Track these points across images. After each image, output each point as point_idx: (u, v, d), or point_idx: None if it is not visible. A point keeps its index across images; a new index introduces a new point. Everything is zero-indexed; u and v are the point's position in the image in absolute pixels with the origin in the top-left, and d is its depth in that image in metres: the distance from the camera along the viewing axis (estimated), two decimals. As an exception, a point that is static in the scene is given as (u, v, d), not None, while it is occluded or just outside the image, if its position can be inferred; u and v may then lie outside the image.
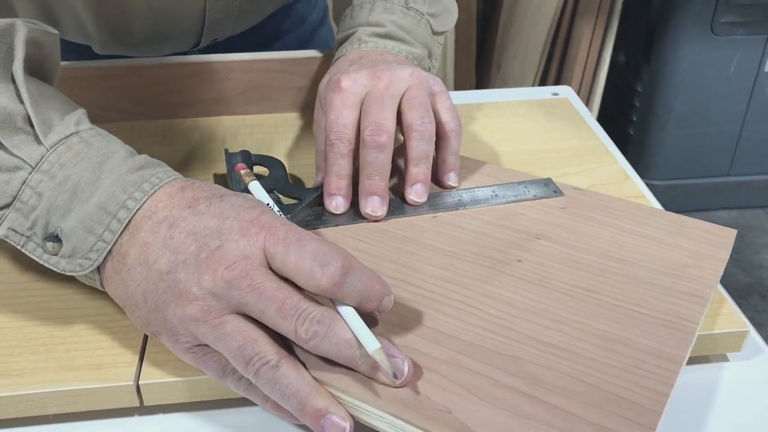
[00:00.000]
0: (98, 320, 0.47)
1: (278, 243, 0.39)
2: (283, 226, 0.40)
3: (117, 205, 0.41)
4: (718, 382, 0.46)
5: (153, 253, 0.40)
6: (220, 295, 0.38)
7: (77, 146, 0.43)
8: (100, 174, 0.42)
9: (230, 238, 0.39)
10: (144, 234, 0.41)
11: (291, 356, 0.40)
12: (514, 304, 0.45)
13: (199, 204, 0.41)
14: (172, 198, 0.42)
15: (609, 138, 0.70)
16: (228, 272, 0.38)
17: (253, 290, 0.38)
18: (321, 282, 0.38)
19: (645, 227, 0.52)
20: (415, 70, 0.54)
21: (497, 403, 0.39)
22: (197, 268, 0.39)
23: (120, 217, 0.41)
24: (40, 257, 0.43)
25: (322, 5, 0.90)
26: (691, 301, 0.46)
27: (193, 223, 0.40)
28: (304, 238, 0.39)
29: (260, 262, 0.39)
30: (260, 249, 0.39)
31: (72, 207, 0.42)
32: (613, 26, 1.86)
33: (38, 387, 0.42)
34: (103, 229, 0.41)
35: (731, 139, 1.94)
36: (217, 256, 0.39)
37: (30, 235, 0.43)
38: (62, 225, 0.42)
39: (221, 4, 0.71)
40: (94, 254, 0.42)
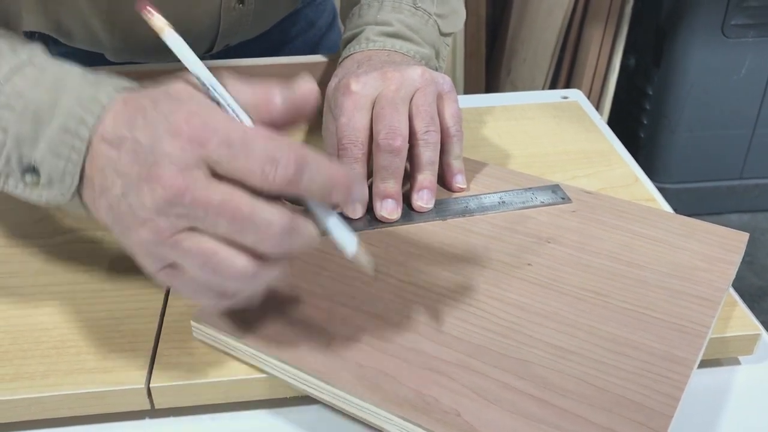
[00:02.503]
0: (109, 323, 0.47)
1: (219, 147, 0.36)
2: (222, 124, 0.36)
3: (76, 122, 0.39)
4: (730, 385, 0.46)
5: (108, 178, 0.38)
6: (166, 213, 0.36)
7: (31, 73, 0.41)
8: (57, 95, 0.40)
9: (162, 150, 0.36)
10: (99, 159, 0.39)
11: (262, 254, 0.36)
12: (524, 307, 0.45)
13: (137, 117, 0.38)
14: (117, 115, 0.39)
15: (619, 141, 0.70)
16: (166, 190, 0.35)
17: (198, 204, 0.35)
18: (275, 182, 0.35)
19: (656, 230, 0.52)
20: (424, 71, 0.54)
21: (506, 405, 0.39)
22: (139, 189, 0.36)
23: (81, 135, 0.39)
24: (23, 192, 0.41)
25: (330, 9, 0.91)
26: (702, 304, 0.45)
27: (133, 141, 0.38)
28: (248, 135, 0.36)
29: (200, 171, 0.36)
30: (198, 157, 0.36)
31: (38, 134, 0.40)
32: (623, 30, 1.85)
33: (50, 390, 0.42)
34: (68, 151, 0.40)
35: (743, 142, 1.93)
36: (154, 173, 0.36)
37: (9, 172, 0.41)
38: (34, 155, 0.40)
39: (235, 12, 0.71)
40: (68, 178, 0.40)
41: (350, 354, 0.42)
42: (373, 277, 0.37)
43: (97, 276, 0.51)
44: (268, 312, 0.45)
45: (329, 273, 0.48)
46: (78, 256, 0.53)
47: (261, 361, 0.43)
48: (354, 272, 0.48)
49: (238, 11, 0.71)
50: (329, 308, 0.45)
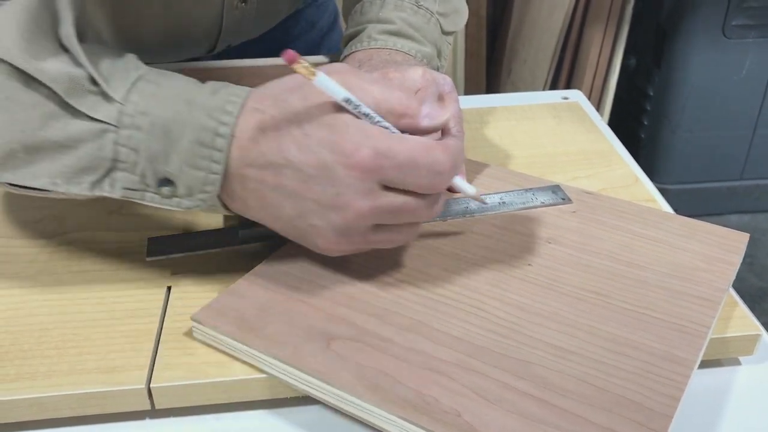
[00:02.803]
0: (110, 324, 0.47)
1: (391, 171, 0.42)
2: (386, 146, 0.41)
3: (211, 134, 0.43)
4: (730, 385, 0.46)
5: (273, 200, 0.43)
6: (355, 228, 0.43)
7: (148, 89, 0.44)
8: (182, 108, 0.43)
9: (342, 182, 0.41)
10: (253, 183, 0.43)
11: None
12: (524, 307, 0.45)
13: (288, 147, 0.42)
14: (257, 143, 0.43)
15: (619, 141, 0.70)
16: (353, 214, 0.42)
17: (380, 214, 0.43)
18: (438, 188, 0.44)
19: (656, 231, 0.52)
20: (425, 71, 0.54)
21: (506, 406, 0.39)
22: (323, 214, 0.43)
23: (219, 146, 0.43)
24: (161, 203, 0.45)
25: (332, 10, 0.91)
26: (703, 304, 0.45)
27: (296, 172, 0.42)
28: (413, 154, 0.42)
29: (378, 189, 0.42)
30: (374, 182, 0.42)
31: (169, 150, 0.43)
32: (624, 30, 1.85)
33: (51, 390, 0.42)
34: (207, 162, 0.43)
35: (744, 143, 1.93)
36: (340, 202, 0.42)
37: (144, 188, 0.44)
38: (168, 169, 0.43)
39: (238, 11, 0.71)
40: (209, 187, 0.44)
41: (350, 354, 0.42)
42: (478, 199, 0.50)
43: (97, 277, 0.51)
44: (268, 312, 0.45)
45: (329, 273, 0.48)
46: (79, 257, 0.53)
47: (261, 362, 0.43)
48: (354, 273, 0.48)
49: (240, 10, 0.71)
50: (329, 308, 0.45)
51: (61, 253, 0.54)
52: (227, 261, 0.52)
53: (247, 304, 0.46)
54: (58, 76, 0.43)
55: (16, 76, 0.43)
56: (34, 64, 0.42)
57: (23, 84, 0.43)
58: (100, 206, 0.59)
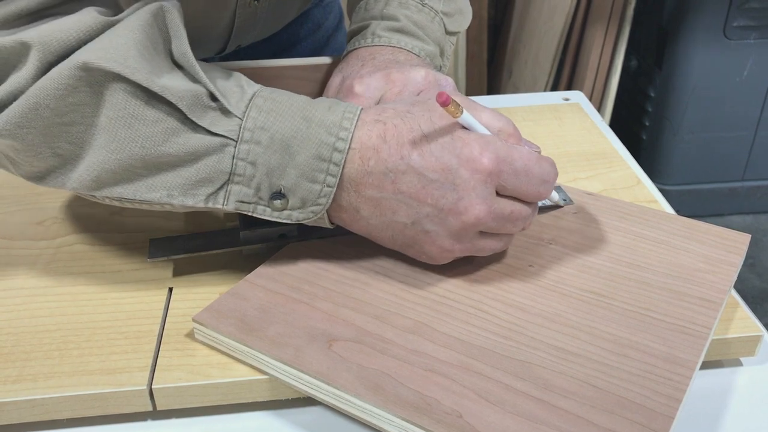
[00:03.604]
0: (112, 325, 0.47)
1: (509, 176, 0.44)
2: (505, 154, 0.44)
3: (329, 149, 0.44)
4: (732, 386, 0.46)
5: (388, 207, 0.45)
6: (469, 233, 0.46)
7: (265, 105, 0.45)
8: (300, 125, 0.44)
9: (466, 185, 0.44)
10: (370, 191, 0.45)
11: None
12: (526, 309, 0.45)
13: (410, 152, 0.44)
14: (379, 151, 0.44)
15: (620, 142, 0.70)
16: (473, 218, 0.44)
17: (493, 220, 0.45)
18: (544, 197, 0.47)
19: (657, 232, 0.52)
20: (428, 73, 0.54)
21: (508, 407, 0.39)
22: (442, 220, 0.45)
23: (335, 160, 0.44)
24: (270, 215, 0.46)
25: (337, 11, 0.91)
26: (704, 305, 0.45)
27: (417, 177, 0.44)
28: (527, 162, 0.45)
29: (494, 193, 0.45)
30: (493, 186, 0.44)
31: (286, 164, 0.44)
32: (625, 31, 1.85)
33: (52, 392, 0.42)
34: (324, 176, 0.44)
35: (745, 144, 1.93)
36: (461, 207, 0.44)
37: (257, 201, 0.45)
38: (283, 183, 0.45)
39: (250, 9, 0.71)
40: (323, 199, 0.45)
41: (351, 355, 0.42)
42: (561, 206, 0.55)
43: (99, 278, 0.51)
44: (269, 314, 0.45)
45: (331, 275, 0.48)
46: (81, 258, 0.53)
47: (262, 363, 0.43)
48: (355, 274, 0.48)
49: (253, 8, 0.71)
50: (330, 310, 0.45)
51: (63, 255, 0.54)
52: (228, 262, 0.52)
53: (248, 306, 0.46)
54: (182, 93, 0.43)
55: (137, 94, 0.43)
56: (157, 81, 0.43)
57: (145, 102, 0.44)
58: (102, 208, 0.59)
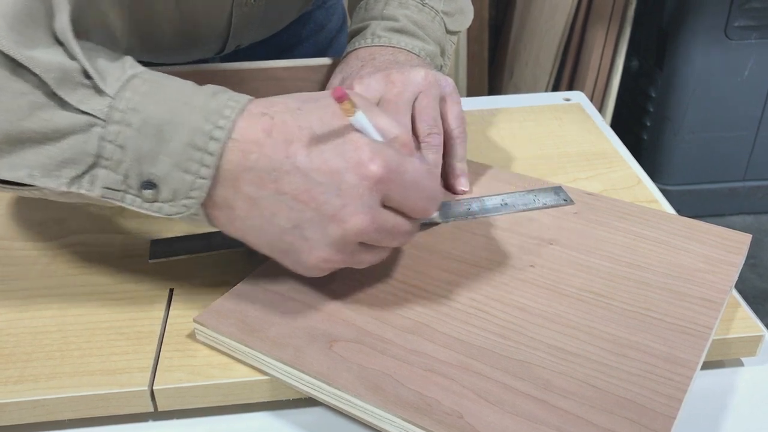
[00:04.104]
0: (113, 326, 0.47)
1: (398, 188, 0.42)
2: (397, 163, 0.42)
3: (204, 137, 0.41)
4: (733, 386, 0.46)
5: (268, 208, 0.42)
6: (351, 244, 0.42)
7: (143, 87, 0.42)
8: (176, 110, 0.41)
9: (352, 194, 0.41)
10: (248, 188, 0.41)
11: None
12: (526, 309, 0.45)
13: (297, 151, 0.41)
14: (262, 146, 0.41)
15: (621, 143, 0.70)
16: (355, 228, 0.41)
17: (376, 233, 0.42)
18: (428, 215, 0.44)
19: (658, 232, 0.52)
20: (428, 73, 0.54)
21: (508, 407, 0.39)
22: (324, 227, 0.41)
23: (210, 150, 0.41)
24: (140, 207, 0.42)
25: (340, 12, 0.91)
26: (705, 306, 0.45)
27: (302, 178, 0.41)
28: (417, 176, 0.43)
29: (379, 204, 0.42)
30: (380, 196, 0.42)
31: (159, 151, 0.41)
32: (626, 32, 1.85)
33: (53, 392, 0.42)
34: (198, 166, 0.41)
35: (746, 144, 1.93)
36: (344, 215, 0.41)
37: (125, 189, 0.42)
38: (154, 171, 0.41)
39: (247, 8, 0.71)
40: (195, 192, 0.42)
41: (352, 356, 0.42)
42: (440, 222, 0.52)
43: (100, 279, 0.51)
44: (270, 314, 0.45)
45: (331, 275, 0.48)
46: (81, 259, 0.54)
47: (263, 363, 0.43)
48: (356, 274, 0.48)
49: (249, 6, 0.71)
50: (331, 310, 0.46)
51: (63, 256, 0.54)
52: (230, 263, 0.52)
53: (249, 306, 0.46)
54: (50, 66, 0.41)
55: (3, 63, 0.41)
56: (24, 52, 0.41)
57: (10, 72, 0.41)
58: (103, 208, 0.59)
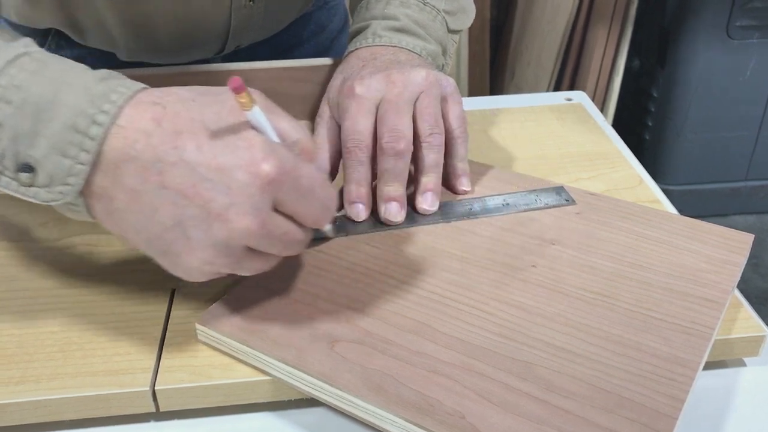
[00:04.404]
0: (115, 326, 0.47)
1: (290, 192, 0.40)
2: (292, 166, 0.40)
3: (87, 120, 0.38)
4: (736, 387, 0.46)
5: (147, 201, 0.39)
6: (235, 246, 0.40)
7: (31, 66, 0.40)
8: (61, 90, 0.39)
9: (240, 193, 0.38)
10: (130, 179, 0.39)
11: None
12: (528, 309, 0.45)
13: (186, 143, 0.38)
14: (150, 135, 0.39)
15: (623, 143, 0.70)
16: (242, 231, 0.39)
17: (264, 238, 0.40)
18: (321, 224, 0.43)
19: (660, 232, 0.52)
20: (429, 74, 0.54)
21: (510, 408, 0.39)
22: (208, 226, 0.39)
23: (92, 134, 0.38)
24: (16, 191, 0.40)
25: (342, 13, 0.91)
26: (707, 306, 0.45)
27: (188, 173, 0.38)
28: (312, 182, 0.41)
29: (269, 208, 0.40)
30: (271, 198, 0.39)
31: (38, 131, 0.39)
32: (628, 32, 1.85)
33: (55, 393, 0.42)
34: (77, 150, 0.39)
35: (748, 144, 1.93)
36: (230, 215, 0.38)
37: (1, 170, 0.40)
38: (32, 153, 0.39)
39: (246, 10, 0.71)
40: (73, 179, 0.39)
41: (354, 356, 0.42)
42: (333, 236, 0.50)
43: (102, 279, 0.51)
44: (272, 315, 0.45)
45: (333, 276, 0.48)
46: (83, 260, 0.54)
47: (265, 364, 0.43)
48: (357, 275, 0.48)
49: (248, 8, 0.71)
50: (333, 311, 0.45)
51: (65, 257, 0.54)
52: (231, 263, 0.52)
53: (250, 307, 0.46)
54: None
55: None
56: None
57: None
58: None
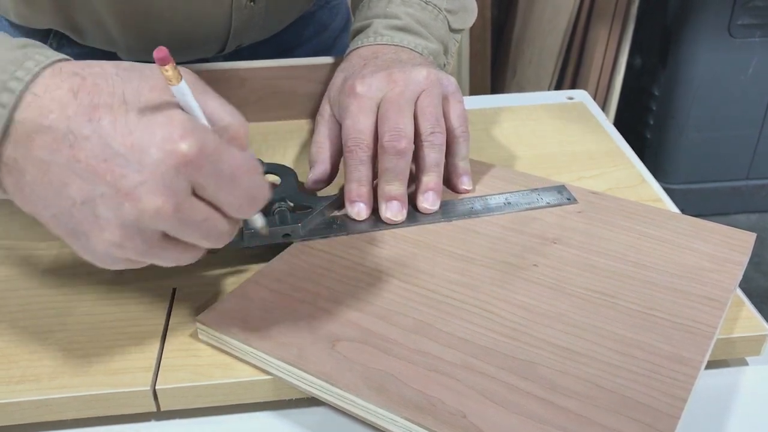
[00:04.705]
0: (115, 326, 0.47)
1: (210, 175, 0.37)
2: (213, 147, 0.37)
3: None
4: (738, 386, 0.46)
5: (57, 175, 0.36)
6: (146, 228, 0.37)
7: None
8: None
9: (154, 171, 0.36)
10: (41, 151, 0.36)
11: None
12: (530, 308, 0.45)
13: (102, 116, 0.36)
14: (65, 106, 0.36)
15: (625, 141, 0.70)
16: (153, 211, 0.36)
17: (178, 223, 0.37)
18: (246, 215, 0.40)
19: (662, 231, 0.52)
20: (430, 72, 0.54)
21: (512, 407, 0.38)
22: (117, 204, 0.36)
23: (3, 102, 0.36)
24: None
25: (344, 12, 0.91)
26: (709, 305, 0.45)
27: (101, 147, 0.36)
28: (236, 167, 0.38)
29: (186, 190, 0.37)
30: (188, 180, 0.37)
31: None
32: (629, 30, 1.85)
33: (56, 392, 0.42)
34: None
35: (750, 142, 1.92)
36: (140, 193, 0.36)
37: None
38: None
39: (246, 10, 0.71)
40: None
41: (355, 355, 0.42)
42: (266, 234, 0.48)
43: (102, 278, 0.51)
44: (273, 314, 0.45)
45: (334, 275, 0.48)
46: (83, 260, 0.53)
47: (266, 363, 0.43)
48: (358, 274, 0.48)
49: (249, 9, 0.71)
50: (334, 310, 0.45)
51: (66, 256, 0.54)
52: (232, 262, 0.52)
53: (251, 306, 0.46)
54: None
55: None
56: None
57: None
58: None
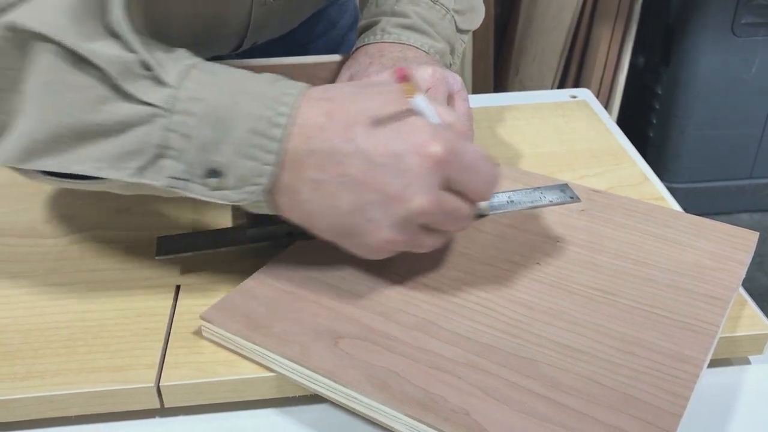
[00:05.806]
0: (120, 323, 0.47)
1: (459, 170, 0.42)
2: (459, 146, 0.42)
3: (267, 123, 0.42)
4: (740, 384, 0.46)
5: (330, 191, 0.42)
6: (412, 223, 0.43)
7: (201, 77, 0.43)
8: (236, 97, 0.42)
9: (413, 172, 0.41)
10: (312, 172, 0.42)
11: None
12: (532, 306, 0.45)
13: (357, 134, 0.42)
14: (324, 129, 0.42)
15: (627, 140, 0.70)
16: (418, 208, 0.42)
17: (438, 214, 0.43)
18: (486, 197, 0.45)
19: (664, 229, 0.52)
20: (435, 71, 0.54)
21: (514, 405, 0.39)
22: (387, 208, 0.42)
23: (273, 136, 0.42)
24: (205, 195, 0.43)
25: (352, 10, 0.91)
26: (712, 303, 0.45)
27: (363, 161, 0.41)
28: (476, 159, 0.43)
29: (440, 186, 0.42)
30: (442, 177, 0.42)
31: (221, 139, 0.42)
32: (632, 28, 1.85)
33: (60, 389, 0.43)
34: (262, 153, 0.42)
35: (753, 141, 1.92)
36: (407, 194, 0.41)
37: (189, 178, 0.42)
38: (218, 159, 0.42)
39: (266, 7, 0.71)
40: (260, 179, 0.42)
41: (358, 352, 0.42)
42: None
43: (107, 275, 0.52)
44: (276, 311, 0.45)
45: (337, 272, 0.48)
46: (88, 256, 0.54)
47: (270, 360, 0.43)
48: (361, 271, 0.48)
49: (269, 6, 0.72)
50: (337, 307, 0.46)
51: (70, 253, 0.54)
52: (236, 260, 0.52)
53: (255, 303, 0.46)
54: (112, 59, 0.41)
55: (64, 58, 0.41)
56: (86, 45, 0.41)
57: (72, 66, 0.41)
58: (110, 205, 0.59)
